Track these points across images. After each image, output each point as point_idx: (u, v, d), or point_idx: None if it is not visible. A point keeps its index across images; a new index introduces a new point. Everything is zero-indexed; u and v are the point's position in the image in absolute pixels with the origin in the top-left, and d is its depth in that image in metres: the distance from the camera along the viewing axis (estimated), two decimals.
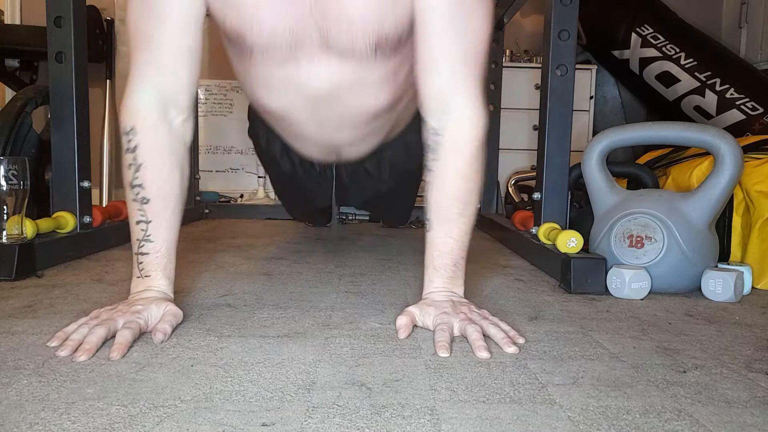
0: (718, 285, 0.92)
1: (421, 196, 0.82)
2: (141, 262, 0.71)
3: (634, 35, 2.50)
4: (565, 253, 1.01)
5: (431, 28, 0.74)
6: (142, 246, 0.71)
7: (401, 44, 0.82)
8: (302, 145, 1.10)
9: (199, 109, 2.64)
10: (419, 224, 1.87)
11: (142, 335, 0.65)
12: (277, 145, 1.15)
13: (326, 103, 0.89)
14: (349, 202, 1.44)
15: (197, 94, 2.53)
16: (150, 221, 0.70)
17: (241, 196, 2.50)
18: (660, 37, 2.46)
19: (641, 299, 0.92)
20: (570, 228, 1.12)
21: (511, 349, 0.63)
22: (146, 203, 0.70)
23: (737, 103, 2.23)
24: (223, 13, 0.77)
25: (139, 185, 0.70)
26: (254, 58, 0.83)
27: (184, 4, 0.72)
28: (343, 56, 0.82)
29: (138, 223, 0.71)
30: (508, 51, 2.67)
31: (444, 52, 0.73)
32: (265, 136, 1.16)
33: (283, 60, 0.82)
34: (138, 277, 0.72)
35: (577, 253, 1.03)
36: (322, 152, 1.10)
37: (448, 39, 0.73)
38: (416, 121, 1.04)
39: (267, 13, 0.77)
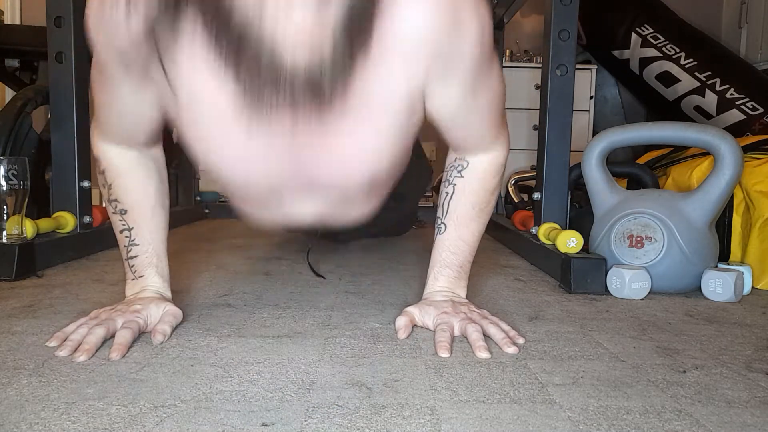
0: (718, 285, 0.92)
1: (422, 196, 0.81)
2: (132, 265, 0.73)
3: (634, 35, 2.50)
4: (565, 253, 1.01)
5: (455, 122, 0.70)
6: (130, 250, 0.73)
7: (398, 164, 0.74)
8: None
9: None
10: (419, 224, 1.87)
11: (141, 335, 0.65)
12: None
13: (312, 222, 0.81)
14: (338, 242, 1.42)
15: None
16: (132, 228, 0.72)
17: None
18: (660, 37, 2.46)
19: (641, 299, 0.92)
20: (570, 228, 1.12)
21: (511, 349, 0.63)
22: (125, 213, 0.72)
23: (737, 103, 2.24)
24: (192, 147, 0.64)
25: (115, 199, 0.73)
26: (231, 189, 0.74)
27: (134, 111, 0.67)
28: (330, 194, 0.73)
29: (122, 231, 0.73)
30: (508, 51, 2.68)
31: (472, 131, 0.72)
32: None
33: (263, 195, 0.73)
34: (132, 279, 0.73)
35: (577, 253, 1.03)
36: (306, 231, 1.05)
37: (474, 120, 0.71)
38: (402, 176, 0.95)
39: (241, 166, 0.65)
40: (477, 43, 0.61)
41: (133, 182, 0.73)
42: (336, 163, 0.66)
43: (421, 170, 1.18)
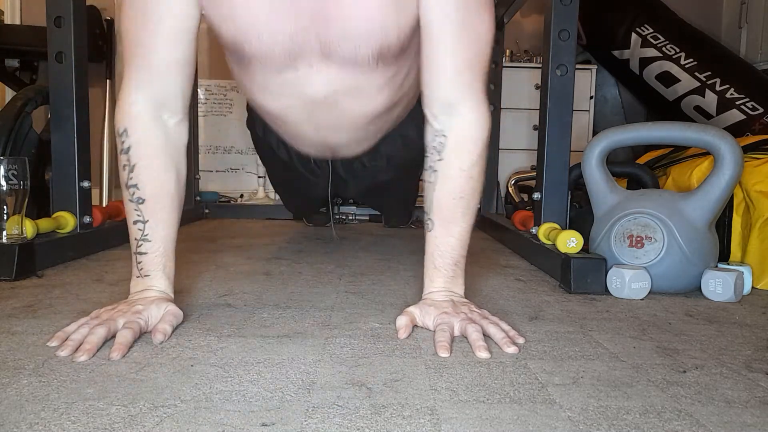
0: (718, 285, 0.92)
1: (421, 196, 0.82)
2: (140, 262, 0.72)
3: (634, 35, 2.50)
4: (565, 253, 1.01)
5: (438, 35, 0.73)
6: (140, 246, 0.71)
7: (403, 52, 0.82)
8: (298, 143, 1.10)
9: (199, 109, 2.64)
10: (419, 224, 1.87)
11: (142, 335, 0.65)
12: (274, 137, 1.16)
13: (323, 106, 0.89)
14: (347, 194, 1.43)
15: (198, 94, 2.54)
16: (147, 221, 0.71)
17: (241, 196, 2.50)
18: (660, 37, 2.46)
19: (641, 299, 0.92)
20: (570, 228, 1.12)
21: (511, 349, 0.63)
22: (142, 203, 0.70)
23: (737, 103, 2.24)
24: (220, 23, 0.76)
25: (134, 185, 0.70)
26: (252, 65, 0.83)
27: (178, 14, 0.71)
28: (343, 65, 0.81)
29: (135, 222, 0.71)
30: (508, 51, 2.67)
31: (450, 60, 0.73)
32: (262, 127, 1.16)
33: (281, 66, 0.82)
34: (138, 277, 0.72)
35: (577, 253, 1.03)
36: (317, 150, 1.11)
37: (455, 46, 0.73)
38: (413, 115, 1.04)
39: (265, 26, 0.76)
40: None
41: (157, 165, 0.71)
42: (350, 23, 0.75)
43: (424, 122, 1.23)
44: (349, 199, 1.57)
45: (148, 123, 0.71)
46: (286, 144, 1.16)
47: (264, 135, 1.18)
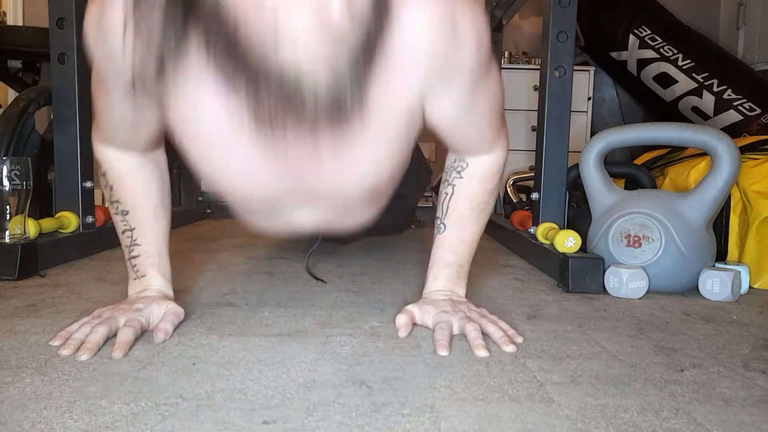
0: (715, 284, 0.93)
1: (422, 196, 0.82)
2: (135, 265, 0.73)
3: (631, 37, 2.51)
4: (563, 253, 1.02)
5: (456, 127, 0.70)
6: (132, 250, 0.73)
7: (399, 171, 0.75)
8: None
9: None
10: (419, 224, 1.87)
11: (144, 333, 0.65)
12: None
13: (313, 229, 0.82)
14: (338, 242, 1.42)
15: None
16: (134, 228, 0.73)
17: None
18: (658, 38, 2.46)
19: (639, 298, 0.93)
20: (568, 228, 1.12)
21: (510, 348, 0.63)
22: (126, 214, 0.73)
23: (735, 103, 2.24)
24: (194, 162, 0.65)
25: (117, 201, 0.73)
26: (232, 201, 0.75)
27: (142, 121, 0.66)
28: (331, 204, 0.74)
29: (123, 232, 0.74)
30: (506, 53, 2.68)
31: (472, 133, 0.73)
32: None
33: (264, 206, 0.75)
34: (134, 279, 0.73)
35: (575, 252, 1.03)
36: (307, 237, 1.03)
37: (474, 124, 0.71)
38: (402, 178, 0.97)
39: (242, 181, 0.65)
40: (475, 53, 0.62)
41: (134, 184, 0.73)
42: (339, 176, 0.66)
43: (420, 172, 1.18)
44: (339, 243, 1.51)
45: (118, 156, 0.73)
46: None
47: None
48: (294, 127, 0.57)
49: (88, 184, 1.20)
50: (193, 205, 2.03)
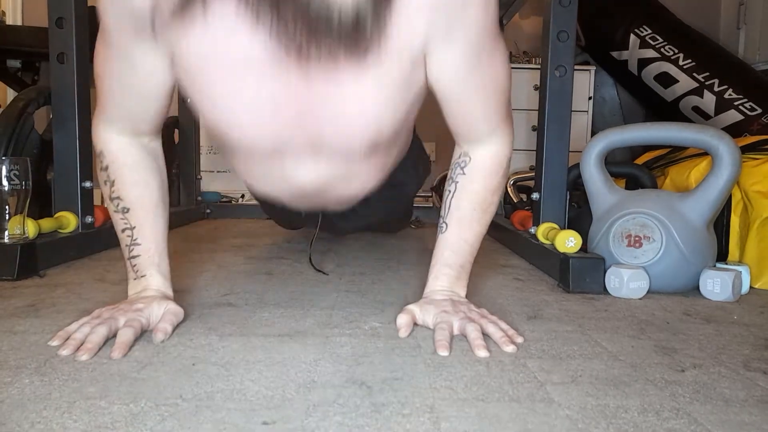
0: (716, 284, 0.93)
1: (420, 197, 0.82)
2: (134, 265, 0.73)
3: (632, 36, 2.50)
4: (563, 253, 1.02)
5: (458, 98, 0.71)
6: (132, 250, 0.73)
7: (398, 134, 0.78)
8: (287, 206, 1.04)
9: None
10: (418, 224, 1.87)
11: (143, 334, 0.65)
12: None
13: (312, 192, 0.84)
14: (337, 232, 1.42)
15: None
16: (134, 227, 0.73)
17: (242, 196, 2.50)
18: (658, 38, 2.46)
19: (639, 299, 0.92)
20: (568, 228, 1.12)
21: (510, 348, 0.63)
22: (127, 212, 0.73)
23: (735, 103, 2.24)
24: (201, 105, 0.69)
25: (117, 197, 0.73)
26: (235, 151, 0.79)
27: (150, 79, 0.68)
28: (332, 157, 0.76)
29: (123, 230, 0.73)
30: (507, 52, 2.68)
31: (476, 112, 0.73)
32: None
33: (267, 157, 0.77)
34: (134, 279, 0.73)
35: (576, 252, 1.03)
36: (306, 210, 1.06)
37: (477, 101, 0.72)
38: (403, 163, 0.98)
39: (250, 118, 0.68)
40: (481, 16, 0.64)
41: (136, 178, 0.73)
42: (343, 119, 0.68)
43: (419, 161, 1.17)
44: (338, 234, 1.52)
45: (121, 145, 0.73)
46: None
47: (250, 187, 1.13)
48: (315, 57, 0.60)
49: (88, 184, 1.20)
50: (192, 205, 2.03)
